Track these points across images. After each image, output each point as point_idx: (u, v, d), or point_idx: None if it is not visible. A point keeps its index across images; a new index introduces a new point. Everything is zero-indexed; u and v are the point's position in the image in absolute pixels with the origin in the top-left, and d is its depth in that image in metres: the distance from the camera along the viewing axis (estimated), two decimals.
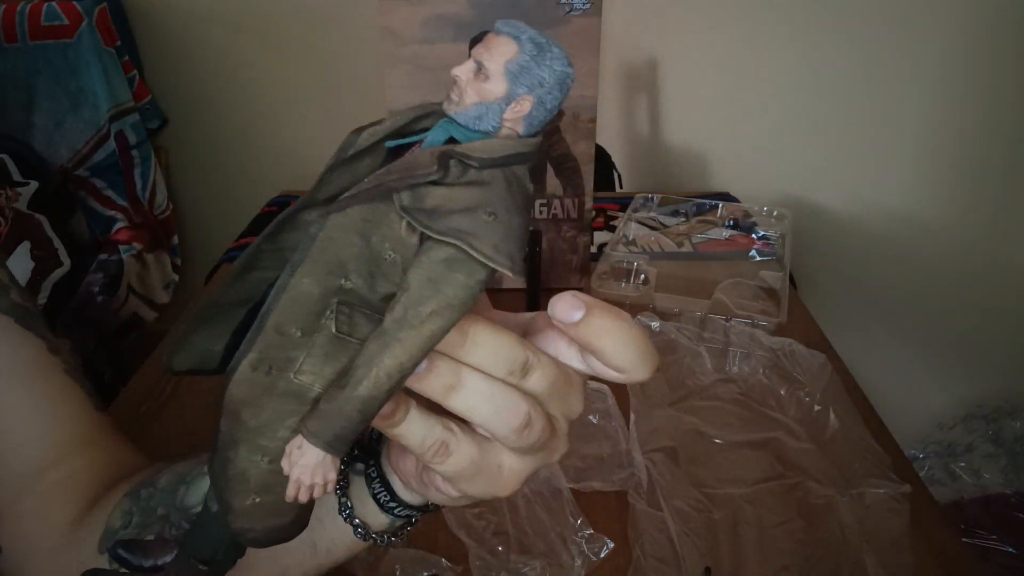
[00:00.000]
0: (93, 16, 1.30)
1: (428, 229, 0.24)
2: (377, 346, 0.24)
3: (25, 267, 1.19)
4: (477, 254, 0.24)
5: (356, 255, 0.26)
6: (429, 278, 0.24)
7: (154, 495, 0.42)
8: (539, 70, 0.26)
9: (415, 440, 0.26)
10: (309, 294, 0.25)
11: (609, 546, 0.56)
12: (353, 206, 0.26)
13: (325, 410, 0.25)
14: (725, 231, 1.05)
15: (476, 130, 0.27)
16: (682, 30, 1.44)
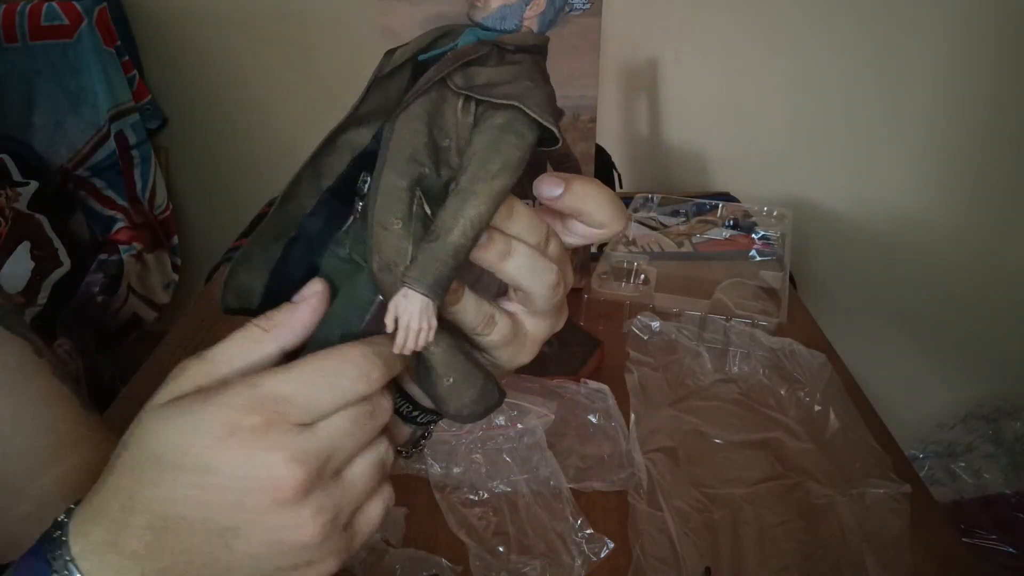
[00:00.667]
0: (93, 16, 1.30)
1: (487, 96, 0.29)
2: (459, 200, 0.28)
3: (25, 267, 1.19)
4: (528, 110, 0.29)
5: (424, 143, 0.29)
6: (492, 141, 0.29)
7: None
8: None
9: (470, 315, 0.31)
10: (397, 186, 0.29)
11: (609, 546, 0.56)
12: (414, 101, 0.29)
13: (422, 260, 0.28)
14: (725, 231, 1.05)
15: (500, 29, 0.31)
16: (682, 30, 1.44)
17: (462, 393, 0.32)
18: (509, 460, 0.61)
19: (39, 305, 1.20)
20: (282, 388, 0.28)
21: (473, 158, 0.29)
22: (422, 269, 0.28)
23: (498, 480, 0.61)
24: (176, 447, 0.28)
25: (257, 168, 1.54)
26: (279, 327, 0.31)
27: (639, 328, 0.78)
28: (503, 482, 0.60)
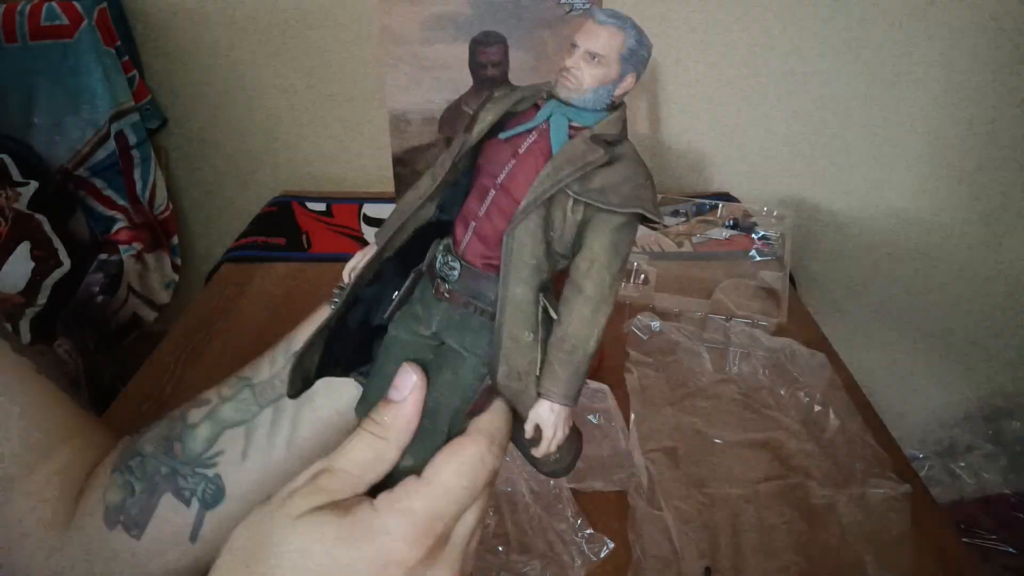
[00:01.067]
0: (93, 16, 1.30)
1: (608, 205, 0.29)
2: (591, 310, 0.30)
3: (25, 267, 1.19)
4: (649, 214, 0.30)
5: (545, 252, 0.30)
6: (612, 244, 0.30)
7: (146, 461, 0.43)
8: (641, 51, 0.31)
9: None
10: (526, 299, 0.30)
11: (609, 546, 0.56)
12: (532, 212, 0.30)
13: (563, 375, 0.30)
14: (725, 231, 1.05)
15: (591, 109, 0.31)
16: (682, 30, 1.44)
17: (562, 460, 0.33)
18: (509, 460, 0.61)
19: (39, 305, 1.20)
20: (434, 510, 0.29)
21: (595, 263, 0.30)
22: (566, 384, 0.30)
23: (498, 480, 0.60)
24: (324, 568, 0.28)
25: (257, 168, 1.53)
26: (394, 431, 0.31)
27: (639, 328, 0.78)
28: (503, 482, 0.60)
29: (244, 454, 0.43)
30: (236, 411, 0.43)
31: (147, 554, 0.43)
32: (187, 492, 0.43)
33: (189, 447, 0.43)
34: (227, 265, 1.06)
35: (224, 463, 0.43)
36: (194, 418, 0.44)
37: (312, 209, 1.27)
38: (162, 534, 0.43)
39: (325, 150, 1.48)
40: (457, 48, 0.79)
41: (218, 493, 0.43)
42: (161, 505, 0.43)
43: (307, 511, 0.29)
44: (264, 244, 1.12)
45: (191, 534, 0.43)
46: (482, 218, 0.31)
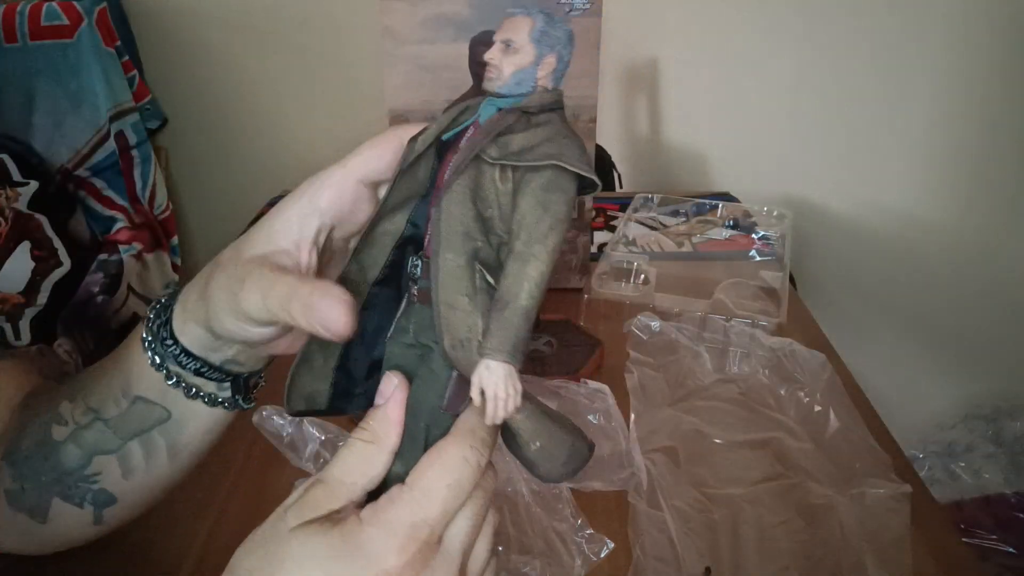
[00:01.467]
0: (93, 16, 1.30)
1: (525, 161, 0.30)
2: (519, 264, 0.29)
3: (25, 267, 1.19)
4: (570, 167, 0.29)
5: (473, 218, 0.30)
6: (537, 202, 0.30)
7: (28, 461, 0.43)
8: (555, 31, 0.32)
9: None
10: (457, 264, 0.30)
11: (609, 546, 0.56)
12: (455, 181, 0.30)
13: (496, 329, 0.29)
14: (725, 231, 1.05)
15: (517, 94, 0.32)
16: (682, 30, 1.44)
17: (551, 456, 0.33)
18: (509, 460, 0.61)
19: (39, 305, 1.20)
20: (416, 516, 0.29)
21: (523, 221, 0.30)
22: (499, 338, 0.29)
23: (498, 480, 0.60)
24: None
25: (257, 168, 1.54)
26: (383, 434, 0.31)
27: (639, 328, 0.78)
28: (503, 482, 0.60)
29: (125, 475, 0.43)
30: (98, 441, 0.42)
31: (53, 534, 0.44)
32: (76, 498, 0.43)
33: (64, 462, 0.42)
34: None
35: (105, 480, 0.43)
36: (58, 435, 0.43)
37: None
38: (64, 522, 0.44)
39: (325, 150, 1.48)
40: (457, 48, 0.79)
41: (109, 499, 0.43)
42: (55, 504, 0.43)
43: (298, 525, 0.29)
44: None
45: (93, 521, 0.44)
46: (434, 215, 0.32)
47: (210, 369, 0.40)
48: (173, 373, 0.40)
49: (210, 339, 0.39)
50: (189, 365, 0.39)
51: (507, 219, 0.30)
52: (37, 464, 0.43)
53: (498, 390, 0.29)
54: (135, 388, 0.41)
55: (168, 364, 0.40)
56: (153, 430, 0.42)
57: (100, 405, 0.42)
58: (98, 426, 0.42)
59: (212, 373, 0.40)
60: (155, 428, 0.42)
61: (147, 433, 0.42)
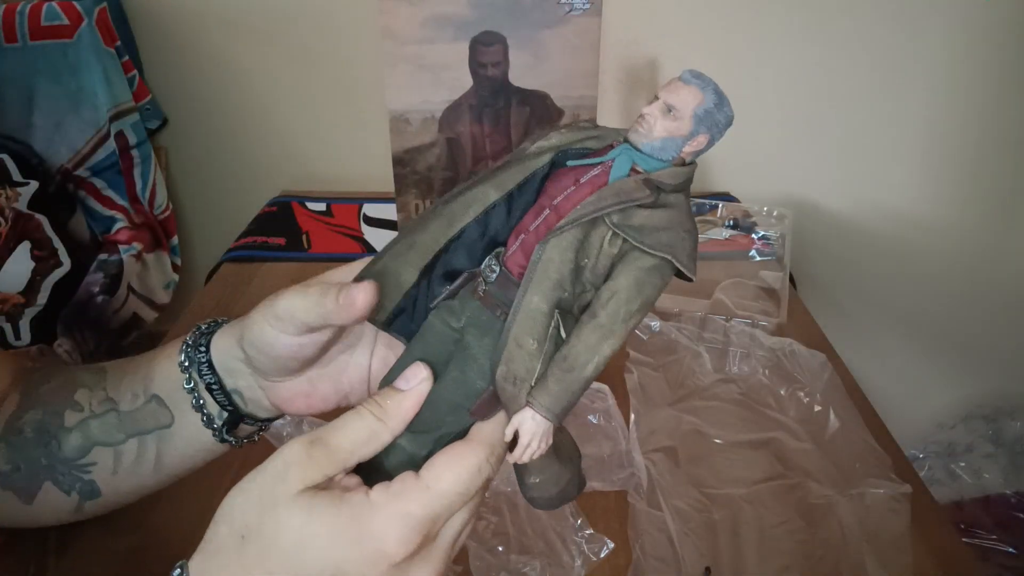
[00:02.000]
0: (93, 16, 1.30)
1: (640, 243, 0.30)
2: (598, 337, 0.30)
3: (25, 267, 1.19)
4: (679, 264, 0.30)
5: (571, 270, 0.31)
6: (637, 281, 0.31)
7: (26, 445, 0.45)
8: (718, 115, 0.33)
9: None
10: (539, 310, 0.31)
11: (609, 546, 0.56)
12: (569, 229, 0.31)
13: (556, 389, 0.30)
14: (725, 231, 1.05)
15: (657, 158, 0.32)
16: (682, 30, 1.44)
17: (545, 489, 0.35)
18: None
19: (39, 305, 1.20)
20: (431, 514, 0.31)
21: (616, 295, 0.31)
22: (555, 398, 0.30)
23: (498, 480, 0.60)
24: (318, 558, 0.29)
25: (257, 168, 1.53)
26: (393, 418, 0.33)
27: (639, 328, 0.78)
28: (503, 482, 0.60)
29: (114, 470, 0.45)
30: (103, 432, 0.45)
31: (39, 514, 0.47)
32: (65, 485, 0.45)
33: (64, 448, 0.45)
34: (227, 265, 1.06)
35: (97, 472, 0.45)
36: (69, 421, 0.45)
37: (312, 209, 1.27)
38: (49, 505, 0.46)
39: (325, 150, 1.48)
40: (457, 48, 0.79)
41: (95, 492, 0.46)
42: (44, 488, 0.46)
43: (303, 490, 0.30)
44: (264, 244, 1.12)
45: (75, 509, 0.46)
46: (531, 232, 0.33)
47: (219, 390, 0.43)
48: (192, 382, 0.43)
49: (235, 355, 0.42)
50: (206, 377, 0.43)
51: (598, 275, 0.31)
52: (36, 448, 0.45)
53: (534, 441, 0.31)
54: (155, 387, 0.44)
55: (192, 370, 0.43)
56: (152, 433, 0.44)
57: (119, 396, 0.45)
58: (110, 417, 0.45)
59: (219, 395, 0.43)
60: (155, 431, 0.44)
61: (147, 435, 0.44)
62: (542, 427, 0.31)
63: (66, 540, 0.55)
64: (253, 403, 0.44)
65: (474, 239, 0.35)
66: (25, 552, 0.55)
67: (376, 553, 0.30)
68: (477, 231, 0.35)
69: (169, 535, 0.58)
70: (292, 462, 0.31)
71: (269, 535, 0.29)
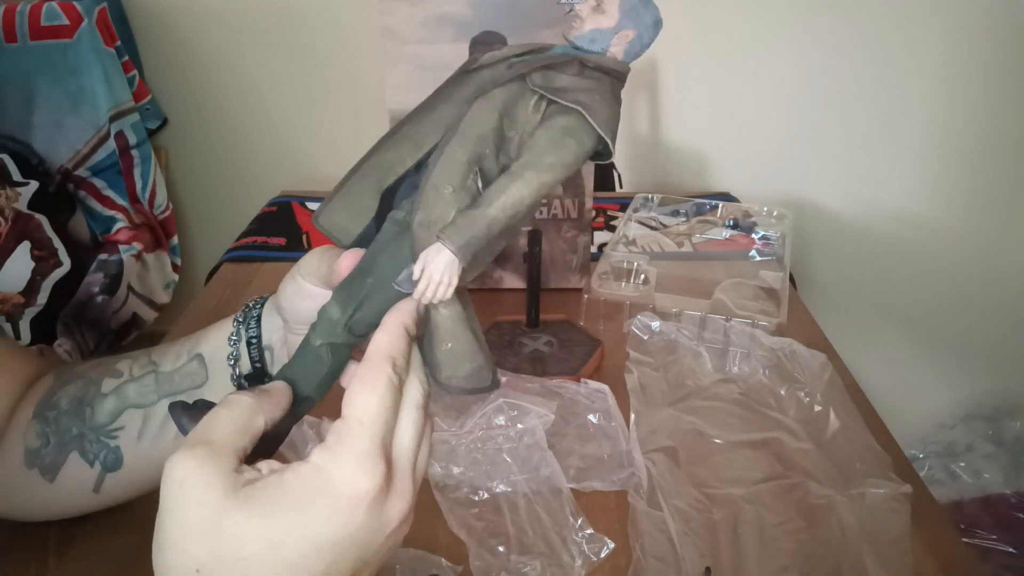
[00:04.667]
0: (93, 16, 1.30)
1: (558, 97, 0.32)
2: (507, 179, 0.32)
3: (25, 267, 1.19)
4: (593, 121, 0.32)
5: (493, 128, 0.32)
6: (552, 139, 0.32)
7: (60, 417, 0.48)
8: (644, 13, 0.35)
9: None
10: (459, 158, 0.32)
11: (609, 546, 0.56)
12: (495, 89, 0.33)
13: (459, 223, 0.31)
14: (725, 231, 1.05)
15: (588, 50, 0.35)
16: (682, 30, 1.44)
17: (457, 364, 0.35)
18: (509, 460, 0.61)
19: (39, 305, 1.20)
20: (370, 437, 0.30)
21: (532, 148, 0.32)
22: (458, 230, 0.31)
23: (498, 480, 0.60)
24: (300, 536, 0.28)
25: (257, 168, 1.54)
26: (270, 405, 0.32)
27: (639, 328, 0.78)
28: (503, 482, 0.60)
29: (140, 435, 0.47)
30: (139, 394, 0.47)
31: (57, 495, 0.49)
32: (91, 455, 0.48)
33: (96, 415, 0.47)
34: (227, 265, 1.06)
35: (124, 438, 0.47)
36: (106, 387, 0.48)
37: (312, 209, 1.27)
38: (70, 482, 0.48)
39: (325, 150, 1.48)
40: (457, 48, 0.79)
41: (118, 461, 0.48)
42: (69, 461, 0.48)
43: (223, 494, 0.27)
44: (264, 244, 1.12)
45: (94, 487, 0.48)
46: None
47: (255, 344, 0.45)
48: (237, 336, 0.45)
49: (272, 311, 0.44)
50: (251, 330, 0.45)
51: (523, 147, 0.33)
52: (70, 419, 0.47)
53: (435, 272, 0.31)
54: (200, 347, 0.47)
55: (241, 325, 0.45)
56: (184, 393, 0.46)
57: (162, 359, 0.48)
58: (148, 379, 0.47)
59: (254, 349, 0.45)
60: (187, 391, 0.46)
61: (178, 396, 0.46)
62: (445, 257, 0.31)
63: (67, 540, 0.55)
64: (279, 364, 0.45)
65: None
66: (25, 552, 0.55)
67: (350, 501, 0.28)
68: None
69: None
70: (183, 479, 0.27)
71: (229, 555, 0.26)
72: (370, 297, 0.34)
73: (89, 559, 0.54)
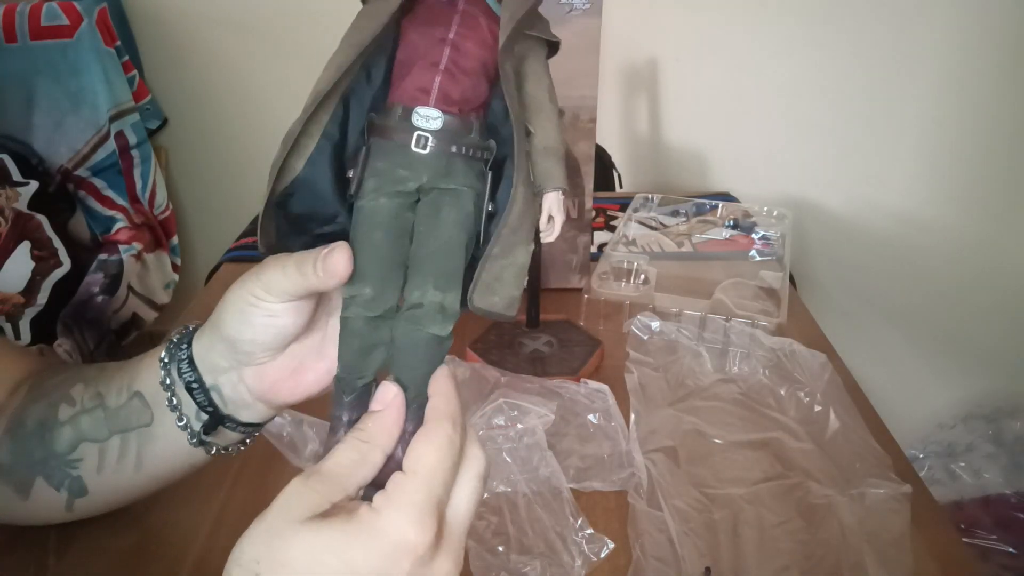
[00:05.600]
0: (93, 16, 1.30)
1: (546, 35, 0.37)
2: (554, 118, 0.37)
3: (25, 267, 1.19)
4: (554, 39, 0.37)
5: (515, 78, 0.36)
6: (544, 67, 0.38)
7: (27, 438, 0.47)
8: None
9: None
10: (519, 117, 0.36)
11: (609, 546, 0.56)
12: (509, 41, 0.35)
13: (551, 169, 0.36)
14: (725, 231, 1.05)
15: None
16: (682, 30, 1.44)
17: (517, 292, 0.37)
18: (509, 460, 0.61)
19: (39, 305, 1.20)
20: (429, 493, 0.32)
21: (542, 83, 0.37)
22: (561, 175, 0.36)
23: (498, 480, 0.61)
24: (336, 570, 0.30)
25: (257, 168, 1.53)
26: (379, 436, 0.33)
27: (639, 328, 0.78)
28: (503, 482, 0.60)
29: (99, 468, 0.46)
30: (91, 428, 0.46)
31: (33, 509, 0.48)
32: (56, 481, 0.47)
33: (57, 443, 0.46)
34: (227, 265, 1.06)
35: (84, 468, 0.46)
36: (63, 415, 0.47)
37: None
38: (42, 502, 0.47)
39: None
40: None
41: (82, 489, 0.47)
42: (36, 484, 0.47)
43: (309, 517, 0.30)
44: None
45: (66, 507, 0.48)
46: (444, 71, 0.35)
47: (199, 388, 0.43)
48: (170, 380, 0.44)
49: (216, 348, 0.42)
50: (186, 375, 0.43)
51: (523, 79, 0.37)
52: (34, 442, 0.46)
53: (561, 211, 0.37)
54: (138, 384, 0.45)
55: (171, 368, 0.44)
56: (134, 431, 0.45)
57: (107, 392, 0.46)
58: (98, 413, 0.46)
59: (199, 393, 0.43)
60: (136, 430, 0.45)
61: (129, 433, 0.45)
62: (560, 199, 0.37)
63: (66, 540, 0.55)
64: (234, 402, 0.44)
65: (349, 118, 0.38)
66: (25, 552, 0.55)
67: (393, 545, 0.30)
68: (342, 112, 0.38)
69: (169, 535, 0.58)
70: (292, 495, 0.31)
71: (282, 560, 0.30)
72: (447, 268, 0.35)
73: (89, 559, 0.54)
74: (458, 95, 0.35)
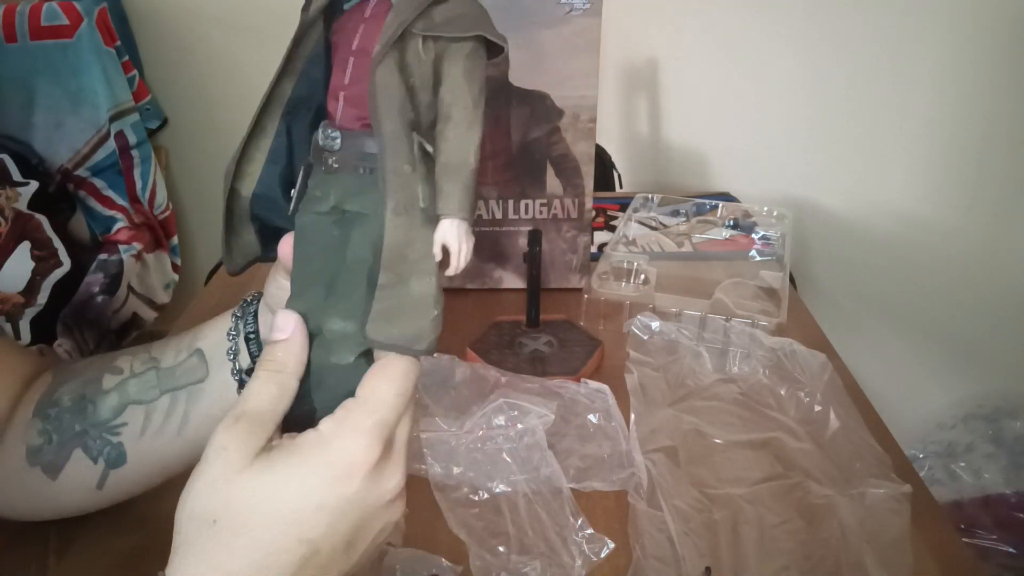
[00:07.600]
0: (93, 16, 1.30)
1: (453, 33, 0.32)
2: (462, 131, 0.32)
3: (25, 267, 1.19)
4: (492, 37, 0.32)
5: (405, 90, 0.32)
6: (465, 70, 0.32)
7: (62, 415, 0.48)
8: None
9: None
10: (398, 135, 0.32)
11: (609, 546, 0.56)
12: (385, 56, 0.32)
13: (455, 192, 0.32)
14: (725, 231, 1.05)
15: None
16: (682, 30, 1.44)
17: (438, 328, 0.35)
18: (509, 460, 0.61)
19: (39, 305, 1.20)
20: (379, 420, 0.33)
21: (457, 90, 0.32)
22: (458, 199, 0.32)
23: (498, 480, 0.61)
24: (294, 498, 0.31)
25: None
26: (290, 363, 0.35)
27: (639, 328, 0.78)
28: (503, 482, 0.60)
29: (142, 431, 0.47)
30: (140, 390, 0.48)
31: (59, 493, 0.49)
32: (94, 451, 0.48)
33: (99, 411, 0.48)
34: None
35: (126, 434, 0.48)
36: (107, 384, 0.48)
37: None
38: (73, 480, 0.48)
39: None
40: None
41: (121, 457, 0.48)
42: (73, 458, 0.48)
43: (253, 456, 0.31)
44: None
45: (98, 484, 0.48)
46: (348, 86, 0.34)
47: (254, 339, 0.46)
48: (235, 331, 0.47)
49: (266, 314, 0.46)
50: (249, 326, 0.46)
51: (428, 88, 0.33)
52: (72, 416, 0.48)
53: (462, 243, 0.32)
54: (199, 341, 0.48)
55: (240, 321, 0.47)
56: (184, 389, 0.47)
57: (162, 354, 0.48)
58: (149, 376, 0.48)
59: (253, 344, 0.46)
60: (187, 387, 0.47)
61: (179, 392, 0.47)
62: (463, 228, 0.32)
63: (67, 540, 0.55)
64: None
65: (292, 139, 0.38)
66: (26, 552, 0.55)
67: (346, 469, 0.32)
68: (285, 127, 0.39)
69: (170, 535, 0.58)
70: (225, 444, 0.32)
71: (240, 506, 0.31)
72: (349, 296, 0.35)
73: (90, 559, 0.54)
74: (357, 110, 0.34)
